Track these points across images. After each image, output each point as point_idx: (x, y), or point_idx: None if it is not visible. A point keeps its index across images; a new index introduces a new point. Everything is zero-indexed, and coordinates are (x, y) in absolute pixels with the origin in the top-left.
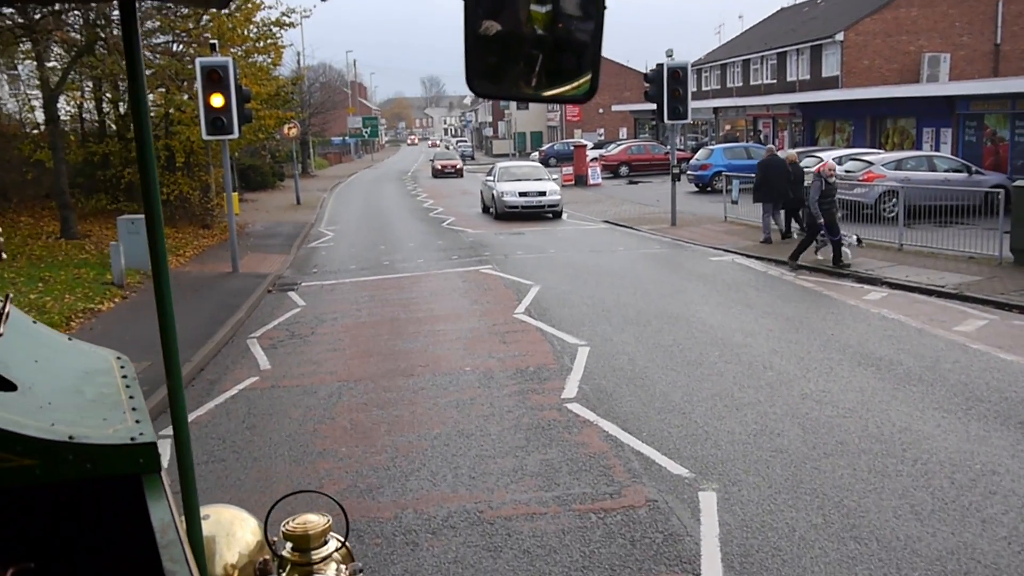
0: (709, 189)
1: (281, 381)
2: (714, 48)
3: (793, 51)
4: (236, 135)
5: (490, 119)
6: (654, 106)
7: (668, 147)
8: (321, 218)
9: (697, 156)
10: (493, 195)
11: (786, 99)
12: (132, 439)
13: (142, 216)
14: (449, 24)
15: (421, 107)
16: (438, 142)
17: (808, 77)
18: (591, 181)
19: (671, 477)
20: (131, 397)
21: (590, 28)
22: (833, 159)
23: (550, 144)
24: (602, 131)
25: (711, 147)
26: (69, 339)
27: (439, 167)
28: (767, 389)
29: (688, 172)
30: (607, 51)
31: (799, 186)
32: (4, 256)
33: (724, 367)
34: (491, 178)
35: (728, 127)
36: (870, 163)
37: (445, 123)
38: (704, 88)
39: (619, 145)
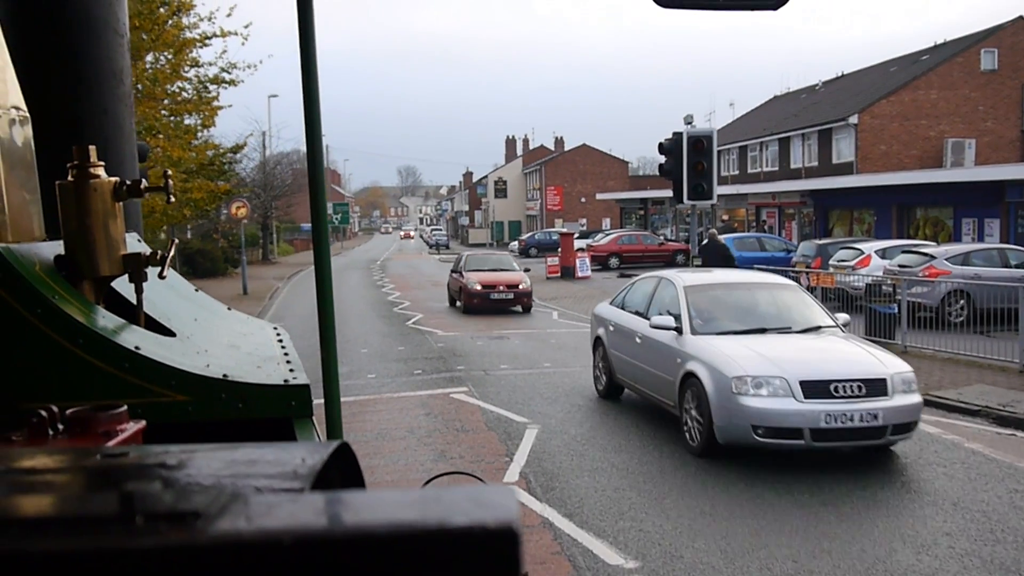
0: None
1: None
2: None
3: (798, 136)
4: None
5: (466, 207)
6: (642, 194)
7: (661, 238)
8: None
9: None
10: None
11: (797, 186)
12: (285, 380)
13: None
14: (426, 115)
15: (397, 196)
16: (412, 232)
17: (816, 163)
18: (579, 273)
19: None
20: (286, 354)
21: None
22: (876, 251)
23: (530, 233)
24: (584, 221)
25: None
26: (228, 308)
27: (478, 288)
28: None
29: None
30: (589, 140)
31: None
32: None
33: None
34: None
35: (726, 217)
36: (931, 256)
37: (420, 212)
38: None
39: (608, 235)
